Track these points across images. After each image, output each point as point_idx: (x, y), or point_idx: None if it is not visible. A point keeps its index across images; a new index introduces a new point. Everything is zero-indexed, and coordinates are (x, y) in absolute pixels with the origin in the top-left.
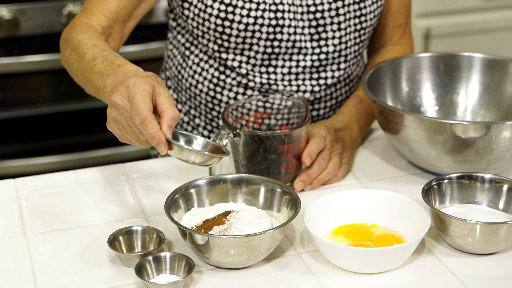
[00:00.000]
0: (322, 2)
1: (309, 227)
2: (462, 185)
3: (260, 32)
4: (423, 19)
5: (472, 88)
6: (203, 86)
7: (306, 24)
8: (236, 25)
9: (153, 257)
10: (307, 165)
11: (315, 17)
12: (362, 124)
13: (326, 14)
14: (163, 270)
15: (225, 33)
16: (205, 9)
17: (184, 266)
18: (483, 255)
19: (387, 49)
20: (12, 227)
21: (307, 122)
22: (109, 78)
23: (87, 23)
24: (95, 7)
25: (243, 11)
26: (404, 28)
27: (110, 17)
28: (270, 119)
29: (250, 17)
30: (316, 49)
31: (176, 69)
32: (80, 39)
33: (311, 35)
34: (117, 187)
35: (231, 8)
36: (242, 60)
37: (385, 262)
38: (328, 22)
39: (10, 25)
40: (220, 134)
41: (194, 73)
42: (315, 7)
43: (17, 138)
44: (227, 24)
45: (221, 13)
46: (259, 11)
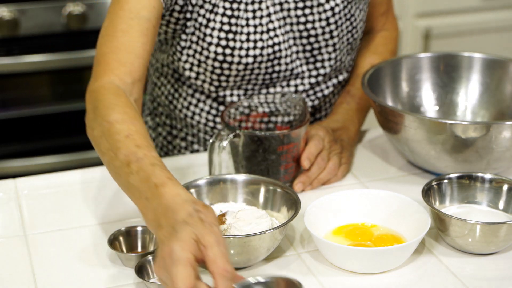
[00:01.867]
0: (314, 27)
1: (309, 227)
2: (462, 185)
3: (259, 69)
4: (423, 19)
5: (472, 88)
6: (201, 117)
7: (300, 48)
8: (235, 66)
9: (153, 257)
10: (306, 168)
11: (309, 42)
12: (357, 121)
13: (320, 38)
14: None
15: (224, 74)
16: (201, 51)
17: None
18: (483, 255)
19: (372, 37)
20: (12, 227)
21: (306, 122)
22: (148, 205)
23: (115, 86)
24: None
25: (242, 51)
26: (387, 13)
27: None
28: (269, 120)
29: (249, 56)
30: (313, 71)
31: (166, 99)
32: (111, 121)
33: (306, 58)
34: (117, 187)
35: (229, 50)
36: (240, 94)
37: (385, 262)
38: (323, 45)
39: (10, 25)
40: (220, 135)
41: (189, 105)
42: (307, 32)
43: (17, 138)
44: (226, 66)
45: (218, 55)
46: (257, 49)
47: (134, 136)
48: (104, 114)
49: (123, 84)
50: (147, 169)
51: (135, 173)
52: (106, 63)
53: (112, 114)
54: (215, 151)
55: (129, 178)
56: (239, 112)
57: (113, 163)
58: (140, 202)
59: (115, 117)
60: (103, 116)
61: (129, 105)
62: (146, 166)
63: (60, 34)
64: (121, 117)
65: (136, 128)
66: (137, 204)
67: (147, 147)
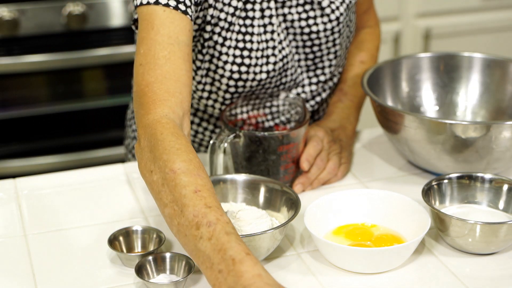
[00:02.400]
0: (319, 37)
1: (309, 227)
2: (462, 185)
3: (270, 83)
4: (423, 19)
5: (472, 88)
6: (204, 136)
7: (302, 57)
8: (249, 83)
9: (153, 257)
10: (305, 170)
11: (312, 51)
12: (353, 118)
13: (323, 46)
14: (163, 270)
15: (238, 92)
16: (216, 69)
17: (184, 266)
18: (483, 255)
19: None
20: (12, 227)
21: (305, 123)
22: (224, 283)
23: (172, 122)
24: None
25: (256, 68)
26: (369, 11)
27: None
28: (268, 120)
29: (263, 72)
30: (313, 78)
31: None
32: (175, 170)
33: (307, 66)
34: (117, 187)
35: (244, 68)
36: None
37: (385, 262)
38: (325, 53)
39: (10, 25)
40: (220, 136)
41: (192, 124)
42: (311, 41)
43: (17, 138)
44: (241, 84)
45: (234, 74)
46: (270, 64)
47: (203, 193)
48: (166, 160)
49: (176, 117)
50: (221, 238)
51: (207, 239)
52: (154, 93)
53: (176, 162)
54: (215, 152)
55: (198, 243)
56: (238, 112)
57: (177, 220)
58: (212, 273)
59: (180, 166)
60: (165, 161)
61: (191, 150)
62: (220, 234)
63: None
64: (187, 166)
65: (204, 182)
66: (206, 273)
67: (218, 208)
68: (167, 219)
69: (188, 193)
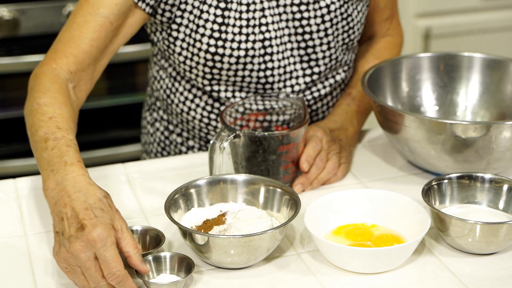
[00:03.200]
0: (309, 24)
1: (309, 227)
2: (462, 185)
3: (251, 64)
4: (423, 19)
5: (472, 88)
6: (196, 113)
7: (295, 45)
8: (227, 58)
9: (153, 257)
10: (305, 171)
11: (303, 39)
12: (356, 122)
13: (314, 35)
14: (163, 270)
15: (216, 67)
16: (194, 43)
17: (184, 266)
18: (483, 255)
19: (375, 41)
20: (12, 227)
21: (306, 122)
22: (52, 176)
23: (55, 73)
24: (66, 48)
25: (234, 44)
26: (392, 19)
27: (81, 58)
28: (267, 120)
29: (241, 49)
30: (307, 70)
31: (164, 93)
32: (40, 103)
33: (300, 56)
34: (117, 187)
35: (221, 42)
36: (235, 90)
37: (385, 262)
38: (317, 43)
39: (10, 25)
40: (220, 136)
41: (186, 100)
42: (302, 28)
43: (17, 138)
44: (218, 58)
45: (210, 47)
46: (249, 42)
47: (57, 118)
48: (36, 96)
49: (65, 72)
50: (62, 148)
51: (50, 149)
52: (54, 51)
53: (42, 97)
54: (216, 152)
55: (43, 153)
56: (236, 111)
57: (33, 138)
58: (45, 172)
59: (44, 101)
60: (35, 98)
61: (62, 91)
62: (61, 146)
63: None
64: (50, 101)
65: (61, 112)
66: (43, 174)
67: (67, 130)
68: (31, 142)
69: (45, 119)
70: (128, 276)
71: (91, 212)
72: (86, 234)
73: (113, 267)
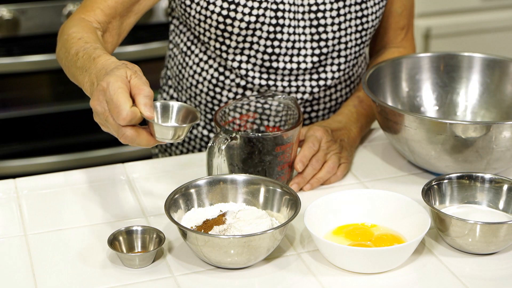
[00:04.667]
0: (324, 2)
1: (309, 227)
2: (462, 185)
3: (260, 31)
4: (423, 19)
5: (472, 88)
6: (203, 86)
7: (307, 23)
8: (237, 23)
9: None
10: (299, 171)
11: (316, 17)
12: (361, 124)
13: (327, 14)
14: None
15: (227, 30)
16: (207, 6)
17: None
18: (483, 255)
19: (389, 51)
20: (12, 227)
21: (300, 123)
22: (86, 74)
23: (83, 18)
24: (93, 3)
25: (245, 9)
26: (407, 30)
27: (108, 12)
28: (260, 120)
29: (252, 15)
30: (316, 49)
31: (177, 69)
32: (70, 33)
33: (311, 35)
34: (117, 187)
35: (233, 6)
36: (242, 60)
37: (385, 262)
38: (329, 23)
39: (10, 25)
40: (218, 139)
41: (194, 73)
42: (316, 6)
43: (17, 138)
44: (229, 21)
45: (223, 10)
46: (261, 9)
47: (85, 38)
48: (65, 32)
49: (94, 21)
50: (89, 51)
51: (81, 58)
52: (83, 7)
53: (71, 28)
54: (214, 155)
55: (76, 63)
56: (228, 113)
57: (67, 60)
58: (81, 76)
59: (73, 30)
60: (64, 33)
61: (89, 26)
62: (89, 50)
63: None
64: (77, 29)
65: (88, 35)
66: (81, 82)
67: (95, 42)
68: (65, 69)
69: (74, 40)
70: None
71: (106, 73)
72: (98, 86)
73: (119, 106)
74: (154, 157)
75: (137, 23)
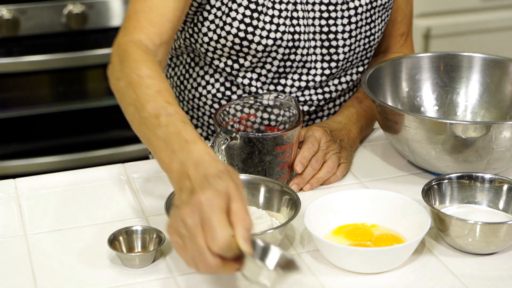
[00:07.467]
0: (336, 24)
1: (309, 227)
2: (462, 185)
3: (276, 53)
4: (423, 19)
5: (472, 88)
6: (207, 99)
7: (319, 44)
8: (254, 45)
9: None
10: (298, 172)
11: (327, 38)
12: (361, 125)
13: (339, 36)
14: None
15: (243, 52)
16: (223, 26)
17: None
18: (483, 255)
19: (388, 56)
20: (12, 227)
21: (300, 122)
22: (174, 157)
23: (144, 45)
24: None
25: (263, 32)
26: (406, 37)
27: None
28: (260, 120)
29: (270, 38)
30: (326, 70)
31: (178, 79)
32: (141, 75)
33: (322, 55)
34: (117, 187)
35: (251, 29)
36: (252, 78)
37: (385, 262)
38: (340, 44)
39: (10, 25)
40: (218, 139)
41: (198, 86)
42: (328, 27)
43: (17, 138)
44: (246, 44)
45: (240, 32)
46: (279, 32)
47: (165, 93)
48: (133, 67)
49: (151, 44)
50: (177, 124)
51: (164, 126)
52: (137, 20)
53: (142, 68)
54: None
55: (156, 130)
56: (228, 113)
57: (139, 114)
58: (165, 153)
59: (145, 72)
60: (132, 68)
61: (158, 65)
62: (177, 122)
63: (60, 34)
64: (151, 73)
65: (166, 86)
66: (159, 155)
67: (177, 105)
68: (129, 117)
69: (151, 92)
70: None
71: (206, 180)
72: (194, 198)
73: (217, 233)
74: None
75: None
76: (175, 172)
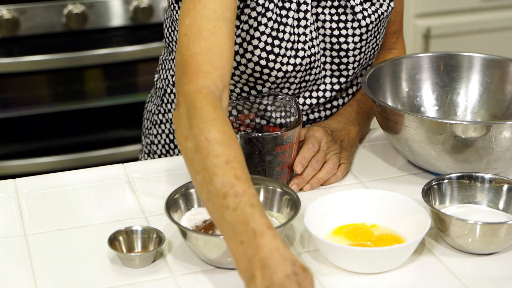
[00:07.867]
0: (347, 41)
1: (309, 227)
2: (462, 185)
3: (294, 78)
4: (423, 19)
5: (472, 88)
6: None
7: (329, 60)
8: (275, 72)
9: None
10: (298, 173)
11: (338, 55)
12: (360, 124)
13: (350, 53)
14: None
15: (262, 78)
16: (244, 53)
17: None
18: (483, 255)
19: (382, 52)
20: (12, 227)
21: (300, 122)
22: (241, 248)
23: (211, 93)
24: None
25: (284, 59)
26: (398, 33)
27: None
28: (260, 120)
29: (290, 64)
30: (336, 85)
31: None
32: (210, 140)
33: (332, 71)
34: (117, 187)
35: (272, 56)
36: (268, 103)
37: (385, 262)
38: (351, 61)
39: (10, 25)
40: None
41: None
42: (339, 45)
43: (17, 138)
44: (266, 71)
45: (261, 60)
46: (298, 58)
47: (234, 164)
48: (202, 128)
49: (216, 89)
50: (246, 209)
51: (232, 209)
52: (198, 64)
53: (211, 131)
54: None
55: (223, 212)
56: (230, 112)
57: (207, 187)
58: (233, 244)
59: (215, 136)
60: (200, 130)
61: (228, 122)
62: (245, 206)
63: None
64: (221, 137)
65: (236, 154)
66: (229, 243)
67: (246, 180)
68: (197, 186)
69: (220, 163)
70: None
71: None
72: None
73: None
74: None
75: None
76: (243, 270)
